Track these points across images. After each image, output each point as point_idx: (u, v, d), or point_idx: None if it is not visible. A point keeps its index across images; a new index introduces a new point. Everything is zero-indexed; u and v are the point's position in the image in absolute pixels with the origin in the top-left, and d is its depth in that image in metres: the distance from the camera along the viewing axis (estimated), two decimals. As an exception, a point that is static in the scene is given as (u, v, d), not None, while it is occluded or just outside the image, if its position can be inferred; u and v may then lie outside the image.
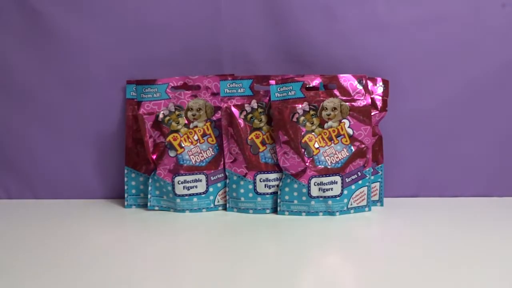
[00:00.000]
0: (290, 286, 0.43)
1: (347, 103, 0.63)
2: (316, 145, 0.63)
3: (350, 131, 0.63)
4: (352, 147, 0.63)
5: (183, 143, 0.65)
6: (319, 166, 0.63)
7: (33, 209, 0.67)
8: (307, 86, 0.63)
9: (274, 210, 0.65)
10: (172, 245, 0.53)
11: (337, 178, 0.63)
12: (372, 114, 0.65)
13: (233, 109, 0.65)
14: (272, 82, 0.63)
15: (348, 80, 0.63)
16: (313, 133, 0.63)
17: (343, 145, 0.63)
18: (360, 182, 0.63)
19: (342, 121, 0.63)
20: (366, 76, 0.64)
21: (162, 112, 0.65)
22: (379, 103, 0.66)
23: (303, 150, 0.63)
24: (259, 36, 0.69)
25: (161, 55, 0.69)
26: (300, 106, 0.63)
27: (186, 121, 0.65)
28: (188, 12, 0.68)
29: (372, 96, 0.65)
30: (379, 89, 0.66)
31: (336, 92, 0.63)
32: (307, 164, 0.62)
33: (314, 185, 0.62)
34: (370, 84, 0.65)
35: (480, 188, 0.72)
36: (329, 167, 0.63)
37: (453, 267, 0.46)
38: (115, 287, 0.43)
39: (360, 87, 0.63)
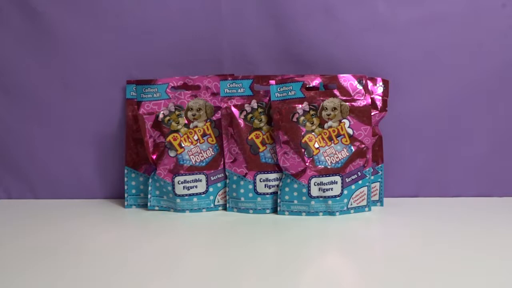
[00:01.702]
0: (290, 286, 0.43)
1: (347, 103, 0.63)
2: (316, 145, 0.63)
3: (350, 131, 0.63)
4: (352, 147, 0.63)
5: (183, 143, 0.65)
6: (319, 166, 0.63)
7: (33, 209, 0.67)
8: (307, 86, 0.63)
9: (274, 210, 0.65)
10: (172, 245, 0.53)
11: (337, 178, 0.63)
12: (372, 114, 0.65)
13: (233, 109, 0.65)
14: (272, 82, 0.63)
15: (348, 80, 0.63)
16: (313, 133, 0.63)
17: (343, 145, 0.63)
18: (360, 182, 0.63)
19: (342, 121, 0.63)
20: (366, 76, 0.63)
21: (162, 112, 0.65)
22: (379, 103, 0.66)
23: (303, 150, 0.63)
24: (259, 36, 0.69)
25: (161, 55, 0.69)
26: (300, 106, 0.63)
27: (186, 121, 0.65)
28: (188, 12, 0.68)
29: (372, 96, 0.65)
30: (379, 89, 0.66)
31: (336, 92, 0.63)
32: (307, 164, 0.62)
33: (314, 185, 0.62)
34: (370, 84, 0.65)
35: (480, 188, 0.72)
36: (329, 167, 0.63)
37: (453, 267, 0.46)
38: (115, 287, 0.43)
39: (360, 87, 0.63)
